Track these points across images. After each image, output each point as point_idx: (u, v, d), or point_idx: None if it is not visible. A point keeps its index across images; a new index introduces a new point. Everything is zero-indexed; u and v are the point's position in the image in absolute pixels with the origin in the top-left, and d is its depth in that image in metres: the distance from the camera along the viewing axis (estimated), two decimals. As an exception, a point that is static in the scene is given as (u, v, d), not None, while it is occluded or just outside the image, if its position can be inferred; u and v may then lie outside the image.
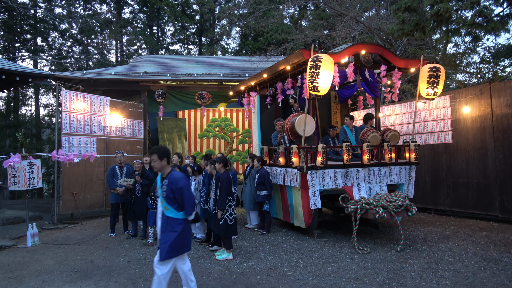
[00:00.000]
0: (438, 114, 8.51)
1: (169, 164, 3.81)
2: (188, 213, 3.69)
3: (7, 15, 19.93)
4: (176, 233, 3.60)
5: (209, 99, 11.04)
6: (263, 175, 6.93)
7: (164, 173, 3.75)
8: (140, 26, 26.58)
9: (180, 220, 3.67)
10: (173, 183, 3.62)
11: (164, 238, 3.61)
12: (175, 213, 3.66)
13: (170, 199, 3.63)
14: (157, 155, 3.68)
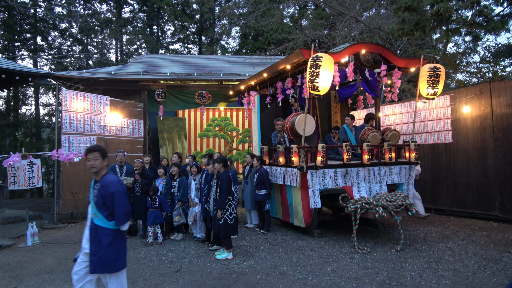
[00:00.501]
0: (438, 114, 8.51)
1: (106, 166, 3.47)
2: (120, 222, 3.23)
3: (7, 14, 19.92)
4: (104, 245, 3.17)
5: (209, 99, 11.04)
6: (262, 174, 6.94)
7: (99, 175, 3.36)
8: (140, 25, 26.57)
9: (109, 231, 3.23)
10: (105, 187, 3.24)
11: (93, 249, 3.20)
12: (104, 222, 3.23)
13: (100, 205, 3.24)
14: (100, 153, 3.33)
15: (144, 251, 5.91)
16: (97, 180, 3.36)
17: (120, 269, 3.27)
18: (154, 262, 5.33)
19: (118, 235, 3.30)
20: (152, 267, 5.08)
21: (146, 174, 7.00)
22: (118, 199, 3.22)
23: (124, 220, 3.26)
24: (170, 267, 5.09)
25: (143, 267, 5.09)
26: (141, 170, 6.94)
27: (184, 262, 5.30)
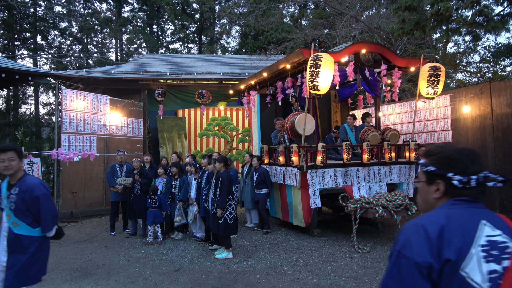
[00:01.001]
0: (438, 113, 8.50)
1: (23, 168, 3.10)
2: (47, 228, 2.97)
3: (6, 13, 19.90)
4: (27, 256, 2.88)
5: (209, 98, 11.03)
6: (263, 173, 6.92)
7: (15, 178, 2.96)
8: (140, 24, 26.55)
9: (34, 238, 2.94)
10: (27, 192, 2.89)
11: (11, 261, 2.87)
12: (28, 230, 2.92)
13: (21, 212, 2.90)
14: (16, 153, 2.92)
15: (144, 251, 5.91)
16: (13, 183, 2.96)
17: (38, 281, 3.00)
18: (154, 261, 5.34)
19: (43, 243, 3.04)
20: (152, 267, 5.08)
21: (145, 173, 7.00)
22: (44, 203, 2.93)
23: (52, 225, 3.01)
24: (170, 266, 5.09)
25: (143, 267, 5.09)
26: (139, 169, 6.94)
27: (184, 261, 5.30)
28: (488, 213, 1.24)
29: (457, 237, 1.14)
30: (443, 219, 1.18)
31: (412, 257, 1.13)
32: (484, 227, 1.18)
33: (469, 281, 1.10)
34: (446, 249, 1.12)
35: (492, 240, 1.16)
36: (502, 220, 1.24)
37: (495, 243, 1.15)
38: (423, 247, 1.14)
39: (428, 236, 1.15)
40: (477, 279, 1.10)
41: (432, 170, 1.31)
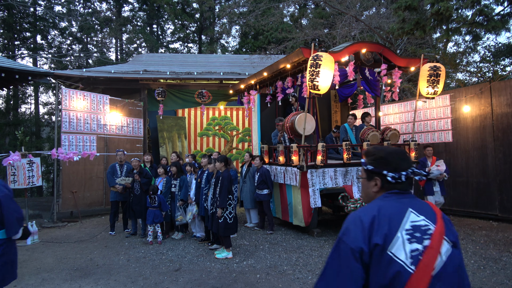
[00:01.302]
0: (438, 113, 8.50)
1: None
2: (13, 230, 2.87)
3: (6, 13, 19.88)
4: None
5: (209, 98, 11.03)
6: (264, 173, 6.91)
7: None
8: (140, 24, 26.54)
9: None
10: None
11: None
12: None
13: None
14: None
15: (144, 250, 5.91)
16: None
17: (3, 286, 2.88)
18: (153, 261, 5.34)
19: (9, 245, 2.91)
20: (151, 266, 5.08)
21: (145, 173, 7.00)
22: (6, 204, 2.81)
23: (18, 227, 2.90)
24: (169, 266, 5.09)
25: (143, 266, 5.09)
26: (139, 169, 6.94)
27: (184, 261, 5.30)
28: (415, 201, 1.47)
29: (385, 225, 1.35)
30: (375, 210, 1.40)
31: (348, 242, 1.35)
32: (410, 214, 1.40)
33: (395, 259, 1.31)
34: (375, 236, 1.34)
35: (415, 225, 1.37)
36: (428, 207, 1.46)
37: (418, 227, 1.37)
38: (357, 235, 1.35)
39: (363, 226, 1.37)
40: (402, 257, 1.31)
41: (371, 169, 1.54)
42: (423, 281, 1.29)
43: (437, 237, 1.36)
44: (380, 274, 1.32)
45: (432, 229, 1.38)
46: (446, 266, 1.34)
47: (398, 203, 1.44)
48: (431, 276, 1.31)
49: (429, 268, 1.32)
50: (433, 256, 1.33)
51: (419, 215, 1.40)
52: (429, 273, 1.31)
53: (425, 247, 1.33)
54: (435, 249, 1.34)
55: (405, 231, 1.36)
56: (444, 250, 1.35)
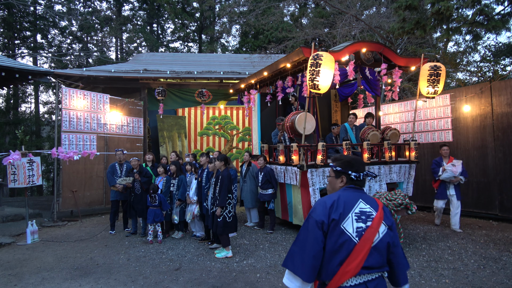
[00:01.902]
0: (439, 113, 8.50)
1: None
2: None
3: (6, 12, 19.88)
4: None
5: (209, 97, 11.03)
6: (269, 173, 6.88)
7: None
8: (140, 23, 26.54)
9: None
10: None
11: None
12: None
13: None
14: None
15: (144, 249, 5.91)
16: None
17: None
18: (154, 260, 5.34)
19: None
20: (152, 265, 5.09)
21: (145, 172, 6.99)
22: None
23: None
24: (170, 265, 5.09)
25: (143, 265, 5.10)
26: (138, 168, 6.94)
27: (184, 260, 5.30)
28: (365, 195, 2.08)
29: (341, 207, 1.96)
30: (336, 197, 2.02)
31: (314, 217, 1.97)
32: (360, 203, 2.01)
33: (345, 231, 1.90)
34: (333, 213, 1.94)
35: (362, 210, 1.98)
36: (373, 200, 2.07)
37: (364, 212, 1.98)
38: (321, 212, 1.97)
39: (325, 206, 1.98)
40: (350, 230, 1.91)
41: (340, 170, 2.15)
42: (364, 249, 1.89)
43: (377, 220, 1.96)
44: (333, 240, 1.92)
45: (374, 215, 1.99)
46: (381, 241, 1.95)
47: (353, 194, 2.05)
48: (371, 246, 1.91)
49: (369, 241, 1.91)
50: (373, 233, 1.93)
51: (366, 204, 2.02)
52: (369, 244, 1.90)
53: (367, 226, 1.94)
54: (375, 228, 1.94)
55: (355, 213, 1.97)
56: (381, 230, 1.96)
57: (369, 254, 1.89)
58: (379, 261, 1.94)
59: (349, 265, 1.88)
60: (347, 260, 1.88)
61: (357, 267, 1.87)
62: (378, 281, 1.96)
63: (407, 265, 2.07)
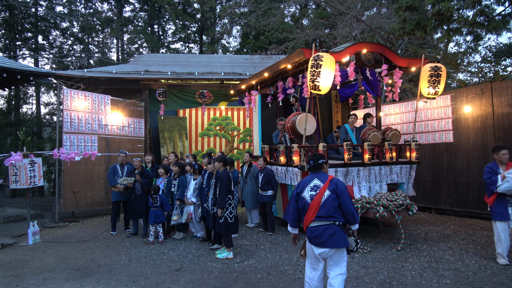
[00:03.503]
0: (439, 113, 8.50)
1: None
2: None
3: (8, 13, 19.93)
4: None
5: (210, 98, 11.04)
6: (269, 174, 6.86)
7: None
8: (141, 24, 26.57)
9: None
10: None
11: None
12: None
13: None
14: None
15: (145, 250, 5.92)
16: None
17: None
18: (155, 261, 5.35)
19: None
20: (153, 266, 5.10)
21: (146, 173, 7.01)
22: None
23: None
24: (171, 266, 5.10)
25: (144, 266, 5.11)
26: (140, 169, 6.95)
27: (185, 261, 5.31)
28: (321, 175, 3.46)
29: (302, 184, 3.48)
30: (303, 178, 3.55)
31: (294, 192, 3.54)
32: (314, 180, 3.43)
33: (304, 197, 3.39)
34: (298, 189, 3.49)
35: (315, 184, 3.40)
36: (325, 177, 3.42)
37: (316, 185, 3.39)
38: (294, 189, 3.54)
39: (296, 186, 3.57)
40: (306, 196, 3.38)
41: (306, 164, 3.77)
42: (314, 206, 3.31)
43: (322, 189, 3.34)
44: (300, 203, 3.45)
45: (321, 186, 3.37)
46: (326, 200, 3.31)
47: (310, 176, 3.52)
48: (319, 204, 3.31)
49: (317, 201, 3.32)
50: (319, 196, 3.32)
51: (318, 180, 3.42)
52: (317, 203, 3.31)
53: (316, 193, 3.35)
54: (320, 194, 3.33)
55: (310, 187, 3.41)
56: (326, 194, 3.32)
57: (319, 208, 3.31)
58: (326, 212, 3.29)
59: (308, 215, 3.36)
60: (306, 213, 3.38)
61: (312, 216, 3.32)
62: (329, 226, 3.29)
63: (352, 209, 3.33)
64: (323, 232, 3.26)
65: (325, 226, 3.27)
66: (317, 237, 3.28)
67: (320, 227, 3.28)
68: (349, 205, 3.30)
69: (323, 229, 3.26)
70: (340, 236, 3.27)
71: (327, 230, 3.25)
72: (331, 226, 3.26)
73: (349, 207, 3.29)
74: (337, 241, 3.25)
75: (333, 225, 3.26)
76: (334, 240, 3.24)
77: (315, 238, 3.30)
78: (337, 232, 3.26)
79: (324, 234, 3.25)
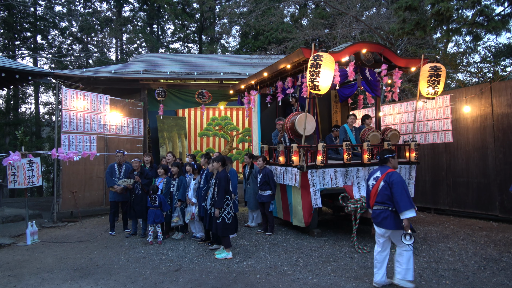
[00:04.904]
0: (439, 114, 8.50)
1: None
2: None
3: (7, 13, 19.90)
4: None
5: (209, 98, 11.02)
6: (267, 174, 6.85)
7: None
8: (140, 24, 26.55)
9: None
10: None
11: None
12: None
13: None
14: None
15: (144, 250, 5.91)
16: None
17: None
18: (154, 261, 5.33)
19: None
20: (152, 266, 5.08)
21: (145, 173, 6.99)
22: None
23: None
24: (170, 266, 5.09)
25: (143, 266, 5.09)
26: (139, 169, 6.93)
27: (184, 261, 5.30)
28: (383, 168, 4.23)
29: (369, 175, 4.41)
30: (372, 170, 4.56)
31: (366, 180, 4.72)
32: (377, 172, 4.27)
33: (368, 185, 4.33)
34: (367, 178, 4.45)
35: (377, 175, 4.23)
36: (385, 170, 4.15)
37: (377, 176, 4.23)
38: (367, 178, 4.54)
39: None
40: (369, 184, 4.32)
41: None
42: (374, 191, 4.14)
43: (379, 180, 4.10)
44: (367, 190, 4.36)
45: (379, 177, 4.13)
46: (380, 190, 4.06)
47: (376, 169, 4.31)
48: (376, 192, 4.11)
49: (375, 190, 4.14)
50: (377, 186, 4.12)
51: (379, 173, 4.18)
52: (375, 191, 4.13)
53: (375, 183, 4.17)
54: (378, 183, 4.12)
55: (372, 177, 4.26)
56: (381, 184, 4.07)
57: (377, 195, 4.09)
58: (381, 199, 4.03)
59: (370, 200, 4.20)
60: (370, 198, 4.21)
61: (372, 201, 4.15)
62: (383, 210, 4.02)
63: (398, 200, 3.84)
64: (379, 215, 4.05)
65: (380, 210, 4.04)
66: (375, 218, 4.12)
67: (376, 211, 4.09)
68: (396, 196, 3.87)
69: (378, 212, 4.06)
70: (393, 220, 3.95)
71: (382, 214, 4.02)
72: (385, 211, 4.00)
73: (395, 198, 3.87)
74: (389, 224, 3.96)
75: (387, 210, 3.98)
76: (387, 222, 3.97)
77: (374, 219, 4.15)
78: (389, 216, 3.96)
79: (379, 217, 4.04)
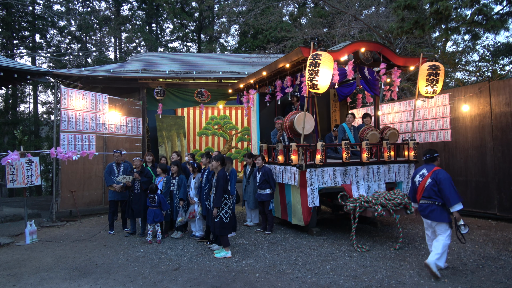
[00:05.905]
0: (437, 112, 8.51)
1: None
2: None
3: (5, 12, 19.84)
4: None
5: (208, 97, 11.02)
6: (267, 173, 6.84)
7: None
8: (139, 23, 26.50)
9: None
10: None
11: None
12: None
13: None
14: None
15: (143, 249, 5.91)
16: None
17: None
18: (153, 260, 5.33)
19: None
20: (151, 265, 5.08)
21: (146, 172, 6.98)
22: None
23: None
24: (169, 265, 5.09)
25: (142, 265, 5.09)
26: (140, 168, 6.93)
27: (183, 260, 5.30)
28: (429, 166, 4.69)
29: (414, 172, 4.88)
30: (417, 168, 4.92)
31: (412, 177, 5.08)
32: (423, 169, 4.73)
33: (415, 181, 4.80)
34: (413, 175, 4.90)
35: (422, 172, 4.70)
36: (431, 168, 4.62)
37: (423, 173, 4.69)
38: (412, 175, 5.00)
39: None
40: (416, 180, 4.76)
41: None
42: (421, 187, 4.61)
43: (426, 177, 4.58)
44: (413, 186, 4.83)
45: (426, 174, 4.61)
46: (427, 186, 4.54)
47: (422, 166, 4.78)
48: (423, 187, 4.58)
49: (422, 186, 4.61)
50: (424, 182, 4.60)
51: (426, 170, 4.66)
52: (422, 186, 4.61)
53: (422, 180, 4.64)
54: (424, 180, 4.60)
55: (419, 174, 4.73)
56: (428, 181, 4.55)
57: (424, 191, 4.54)
58: (427, 194, 4.49)
59: (417, 195, 4.66)
60: (417, 193, 4.66)
61: (419, 196, 4.62)
62: (430, 204, 4.48)
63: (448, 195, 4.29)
64: (426, 208, 4.53)
65: (427, 204, 4.52)
66: (422, 211, 4.60)
67: (423, 204, 4.57)
68: (445, 192, 4.32)
69: (425, 206, 4.54)
70: (439, 213, 4.41)
71: (428, 207, 4.49)
72: (431, 205, 4.46)
73: (444, 194, 4.32)
74: (435, 216, 4.44)
75: (433, 204, 4.45)
76: (433, 215, 4.45)
77: (421, 211, 4.63)
78: (436, 210, 4.43)
79: (426, 210, 4.52)
